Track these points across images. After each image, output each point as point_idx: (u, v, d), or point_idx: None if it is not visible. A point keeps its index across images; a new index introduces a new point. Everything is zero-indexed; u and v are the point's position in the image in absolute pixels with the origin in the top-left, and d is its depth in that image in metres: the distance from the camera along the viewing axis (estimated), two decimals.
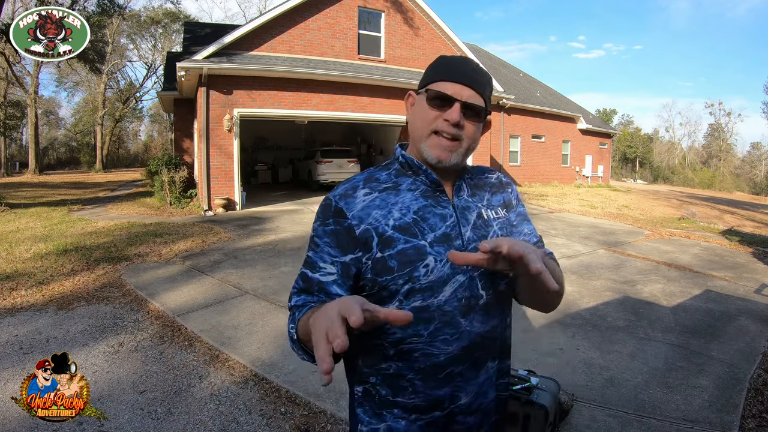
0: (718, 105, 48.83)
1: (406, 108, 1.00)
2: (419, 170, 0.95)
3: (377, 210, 0.90)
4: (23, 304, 4.09)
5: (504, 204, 1.04)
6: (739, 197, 28.60)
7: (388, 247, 0.87)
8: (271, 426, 2.44)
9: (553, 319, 4.03)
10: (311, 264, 0.91)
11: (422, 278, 0.87)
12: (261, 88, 9.87)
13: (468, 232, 0.94)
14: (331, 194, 0.93)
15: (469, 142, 0.93)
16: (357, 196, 0.91)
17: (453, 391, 0.92)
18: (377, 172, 0.97)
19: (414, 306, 0.87)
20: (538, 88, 21.99)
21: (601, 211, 11.76)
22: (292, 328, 0.86)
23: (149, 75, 35.34)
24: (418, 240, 0.88)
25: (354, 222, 0.89)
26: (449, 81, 0.91)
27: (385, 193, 0.92)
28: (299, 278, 0.93)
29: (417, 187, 0.95)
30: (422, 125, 0.93)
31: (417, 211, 0.91)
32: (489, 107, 0.96)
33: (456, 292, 0.89)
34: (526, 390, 2.16)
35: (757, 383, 3.00)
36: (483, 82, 0.93)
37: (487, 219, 0.98)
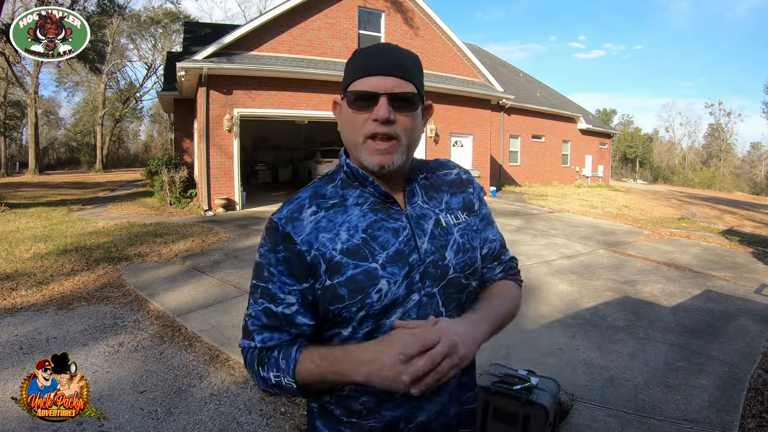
0: (718, 105, 48.90)
1: (336, 117, 0.89)
2: (366, 181, 0.86)
3: (324, 233, 0.82)
4: (23, 304, 4.09)
5: (465, 206, 0.96)
6: (739, 197, 28.60)
7: (337, 274, 0.80)
8: (271, 426, 2.44)
9: (553, 319, 4.04)
10: (271, 297, 0.82)
11: (375, 304, 0.80)
12: (261, 88, 9.88)
13: (425, 243, 0.86)
14: (275, 216, 0.85)
15: (408, 137, 0.83)
16: (303, 218, 0.83)
17: (408, 413, 0.85)
18: (323, 186, 0.88)
19: (366, 330, 0.82)
20: (538, 88, 22.00)
21: (601, 211, 11.76)
22: (278, 375, 0.79)
23: (149, 75, 35.41)
24: (369, 263, 0.81)
25: (303, 248, 0.81)
26: (368, 76, 0.81)
27: (332, 212, 0.84)
28: (260, 313, 0.83)
29: (365, 200, 0.86)
30: (353, 133, 0.83)
31: (366, 229, 0.83)
32: (422, 91, 0.85)
33: (409, 312, 0.82)
34: (526, 390, 2.16)
35: (757, 383, 3.00)
36: (407, 66, 0.83)
37: (446, 226, 0.90)
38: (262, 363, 0.82)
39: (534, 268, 5.68)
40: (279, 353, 0.81)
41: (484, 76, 13.31)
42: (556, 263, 5.92)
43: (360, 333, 0.82)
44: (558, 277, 5.29)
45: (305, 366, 0.78)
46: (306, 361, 0.78)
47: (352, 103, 0.82)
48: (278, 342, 0.83)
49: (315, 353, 0.79)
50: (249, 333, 0.85)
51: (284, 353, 0.80)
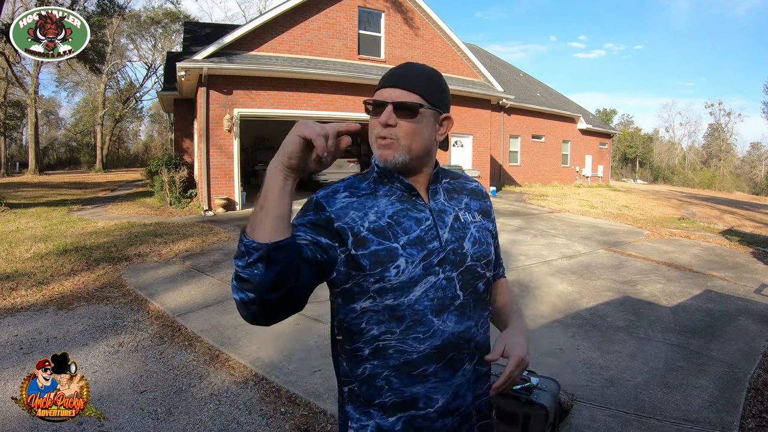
0: (718, 105, 48.89)
1: None
2: (393, 177, 0.99)
3: (354, 211, 0.94)
4: (23, 304, 4.09)
5: (481, 211, 1.09)
6: (739, 197, 28.60)
7: (362, 247, 0.91)
8: (271, 426, 2.44)
9: (553, 319, 4.04)
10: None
11: (392, 278, 0.91)
12: (261, 88, 9.88)
13: (446, 233, 0.98)
14: (314, 195, 0.99)
15: (408, 140, 0.95)
16: (337, 198, 0.97)
17: (427, 392, 0.94)
18: (358, 182, 1.02)
19: (386, 304, 0.91)
20: (538, 88, 22.00)
21: (601, 211, 11.76)
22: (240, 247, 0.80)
23: (149, 75, 35.40)
24: (391, 243, 0.92)
25: (332, 216, 0.93)
26: (382, 88, 0.98)
27: (363, 198, 0.97)
28: None
29: (393, 192, 0.99)
30: (370, 135, 0.99)
31: (392, 215, 0.96)
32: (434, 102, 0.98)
33: (427, 292, 0.93)
34: (526, 390, 2.16)
35: (757, 383, 3.00)
36: (413, 79, 0.97)
37: (465, 222, 1.02)
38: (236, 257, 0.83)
39: (534, 268, 5.68)
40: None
41: (484, 76, 13.31)
42: (556, 263, 5.92)
43: (380, 305, 0.92)
44: (558, 277, 5.29)
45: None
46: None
47: (369, 110, 0.99)
48: None
49: None
50: None
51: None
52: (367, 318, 0.93)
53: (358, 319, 0.94)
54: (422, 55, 12.05)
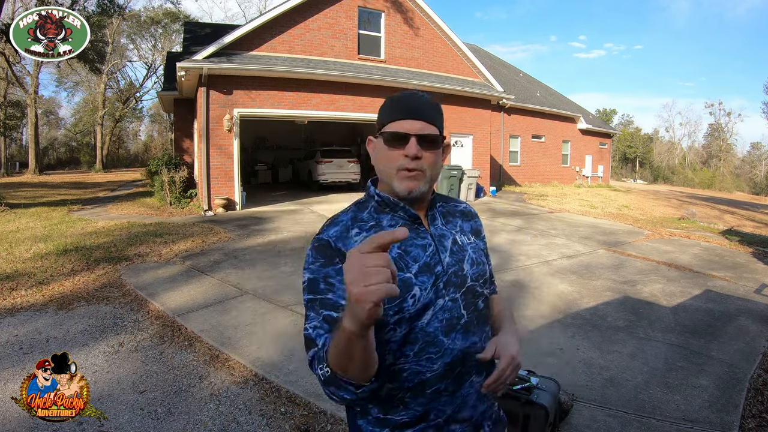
0: (718, 105, 48.90)
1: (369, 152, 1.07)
2: (397, 207, 1.01)
3: None
4: (23, 304, 4.09)
5: (473, 231, 1.14)
6: (739, 197, 28.60)
7: None
8: (271, 426, 2.44)
9: (553, 319, 4.04)
10: (332, 305, 0.90)
11: (410, 308, 0.94)
12: (261, 88, 9.87)
13: (447, 257, 1.02)
14: (324, 235, 0.97)
15: (432, 170, 1.00)
16: (350, 236, 0.97)
17: (439, 406, 0.98)
18: (359, 212, 1.03)
19: (402, 333, 0.94)
20: (538, 88, 22.00)
21: (601, 211, 11.76)
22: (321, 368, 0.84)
23: (149, 75, 35.40)
24: (405, 273, 0.95)
25: None
26: (400, 119, 0.99)
27: (371, 232, 0.98)
28: (323, 323, 0.89)
29: (396, 222, 1.01)
30: (388, 166, 1.00)
31: (400, 246, 0.98)
32: (443, 133, 1.04)
33: (437, 315, 0.96)
34: (526, 390, 2.16)
35: (757, 383, 3.00)
36: (432, 112, 1.01)
37: (462, 244, 1.07)
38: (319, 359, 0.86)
39: (534, 268, 5.68)
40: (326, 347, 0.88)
41: (484, 76, 13.30)
42: (556, 263, 5.92)
43: (397, 335, 0.94)
44: (558, 277, 5.29)
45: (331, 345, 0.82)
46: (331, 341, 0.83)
47: (389, 141, 0.99)
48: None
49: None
50: (313, 341, 0.90)
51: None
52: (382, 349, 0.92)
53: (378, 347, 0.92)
54: (422, 55, 12.05)
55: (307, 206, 10.57)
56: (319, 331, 0.90)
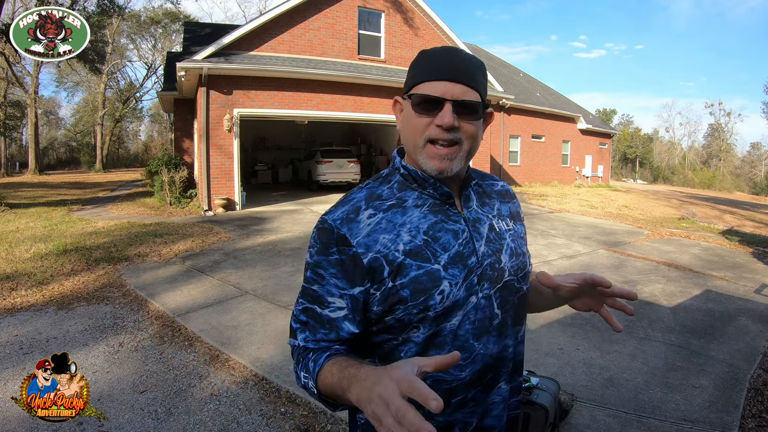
0: (718, 105, 48.87)
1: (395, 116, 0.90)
2: (426, 183, 0.85)
3: (384, 234, 0.80)
4: (23, 304, 4.09)
5: (512, 215, 0.98)
6: (739, 197, 28.61)
7: (400, 276, 0.79)
8: (271, 426, 2.44)
9: (553, 319, 4.03)
10: (318, 299, 0.81)
11: (438, 305, 0.79)
12: (261, 88, 9.87)
13: (482, 246, 0.86)
14: (328, 217, 0.83)
15: (470, 144, 0.83)
16: (360, 220, 0.81)
17: (465, 417, 0.86)
18: (378, 188, 0.87)
19: (429, 333, 0.81)
20: (538, 88, 22.00)
21: (601, 211, 11.76)
22: (306, 378, 0.79)
23: (149, 75, 35.39)
24: (431, 264, 0.80)
25: (360, 250, 0.79)
26: (435, 80, 0.81)
27: (390, 213, 0.82)
28: (302, 314, 0.83)
29: (424, 201, 0.85)
30: (414, 135, 0.83)
31: (427, 230, 0.82)
32: (486, 99, 0.86)
33: (468, 315, 0.82)
34: (526, 390, 2.16)
35: (757, 383, 3.00)
36: (474, 72, 0.83)
37: (500, 231, 0.91)
38: (299, 362, 0.82)
39: (534, 268, 5.67)
40: (313, 356, 0.80)
41: None
42: (557, 263, 5.92)
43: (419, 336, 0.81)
44: None
45: (326, 375, 0.75)
46: (327, 370, 0.75)
47: (417, 105, 0.82)
48: (316, 345, 0.82)
49: (337, 364, 0.74)
50: (293, 331, 0.85)
51: (316, 357, 0.79)
52: (406, 349, 0.82)
53: (395, 350, 0.83)
54: None
55: (307, 206, 10.57)
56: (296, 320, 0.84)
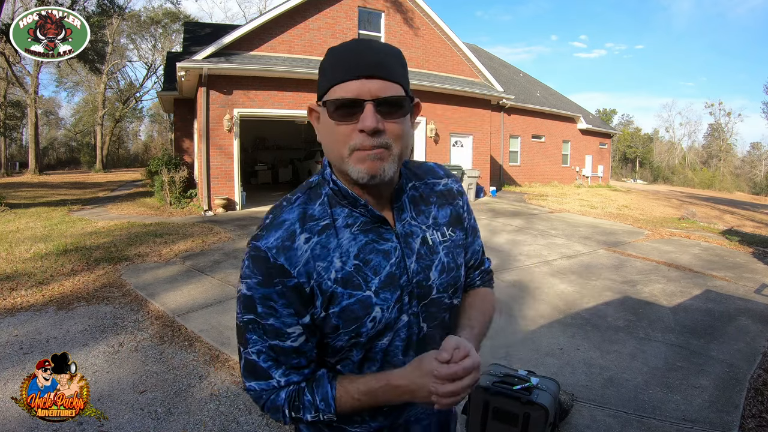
0: (718, 105, 48.88)
1: (314, 125, 0.81)
2: (357, 203, 0.79)
3: (319, 261, 0.76)
4: (23, 304, 4.09)
5: (452, 220, 0.90)
6: (739, 197, 28.61)
7: (332, 305, 0.76)
8: (271, 426, 2.44)
9: (553, 319, 4.04)
10: (276, 332, 0.77)
11: (370, 331, 0.79)
12: (261, 88, 9.87)
13: (413, 264, 0.82)
14: (262, 243, 0.76)
15: (400, 145, 0.75)
16: (297, 247, 0.75)
17: (397, 420, 0.89)
18: (310, 206, 0.80)
19: (360, 355, 0.82)
20: (538, 88, 22.00)
21: (601, 211, 11.76)
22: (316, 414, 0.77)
23: (149, 75, 35.39)
24: (363, 291, 0.77)
25: (302, 279, 0.75)
26: (348, 80, 0.71)
27: (324, 236, 0.77)
28: (269, 350, 0.78)
29: (355, 220, 0.79)
30: (338, 146, 0.74)
31: (358, 254, 0.78)
32: (408, 89, 0.77)
33: (399, 333, 0.82)
34: (526, 390, 2.16)
35: (757, 383, 3.00)
36: (390, 63, 0.73)
37: (432, 244, 0.85)
38: (296, 408, 0.78)
39: (534, 268, 5.68)
40: (313, 394, 0.78)
41: (484, 76, 13.30)
42: (557, 263, 5.92)
43: (354, 358, 0.82)
44: (558, 277, 5.29)
45: (346, 401, 0.77)
46: (346, 396, 0.77)
47: (333, 113, 0.73)
48: (299, 377, 0.80)
49: (353, 387, 0.78)
50: (262, 372, 0.78)
51: (320, 392, 0.78)
52: (344, 365, 0.83)
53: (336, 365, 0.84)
54: (422, 55, 12.05)
55: None
56: (266, 358, 0.78)
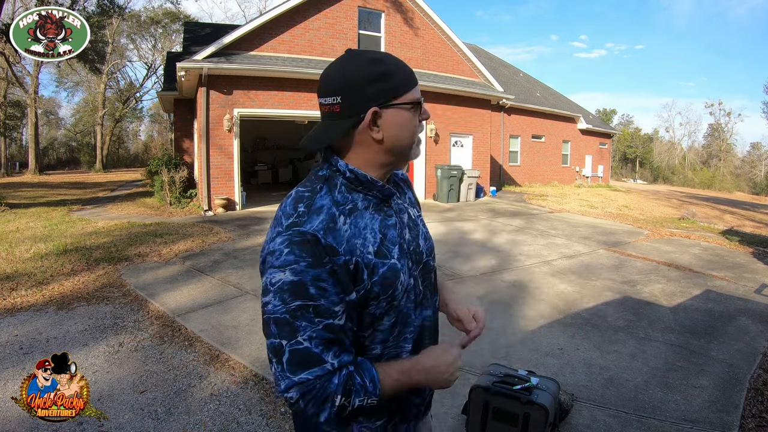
0: (718, 105, 48.88)
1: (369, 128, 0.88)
2: (373, 186, 0.91)
3: (356, 239, 0.86)
4: (23, 304, 4.09)
5: (414, 201, 1.09)
6: (739, 197, 28.61)
7: (373, 276, 0.86)
8: (271, 426, 2.44)
9: (553, 319, 4.04)
10: (329, 312, 0.81)
11: (400, 294, 0.90)
12: (261, 88, 9.87)
13: (407, 234, 0.96)
14: (309, 228, 0.82)
15: None
16: (340, 228, 0.84)
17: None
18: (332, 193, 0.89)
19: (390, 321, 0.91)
20: (538, 88, 22.00)
21: (601, 211, 11.76)
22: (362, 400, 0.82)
23: (149, 75, 35.38)
24: (390, 260, 0.89)
25: (347, 257, 0.83)
26: (413, 86, 0.92)
27: (353, 217, 0.87)
28: (323, 333, 0.81)
29: (369, 202, 0.91)
30: (411, 136, 0.92)
31: (379, 229, 0.90)
32: None
33: (410, 294, 0.93)
34: (526, 390, 2.16)
35: (757, 383, 3.00)
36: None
37: (414, 219, 1.02)
38: (348, 392, 0.81)
39: (534, 268, 5.68)
40: (362, 376, 0.83)
41: (484, 76, 13.30)
42: (557, 263, 5.92)
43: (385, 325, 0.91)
44: (558, 277, 5.29)
45: (388, 384, 0.85)
46: (387, 378, 0.85)
47: (415, 110, 0.91)
48: (350, 357, 0.84)
49: (390, 369, 0.87)
50: (315, 358, 0.80)
51: (367, 375, 0.84)
52: (373, 338, 0.91)
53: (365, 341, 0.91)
54: (422, 55, 12.05)
55: None
56: (319, 342, 0.80)
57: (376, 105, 0.87)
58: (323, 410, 0.80)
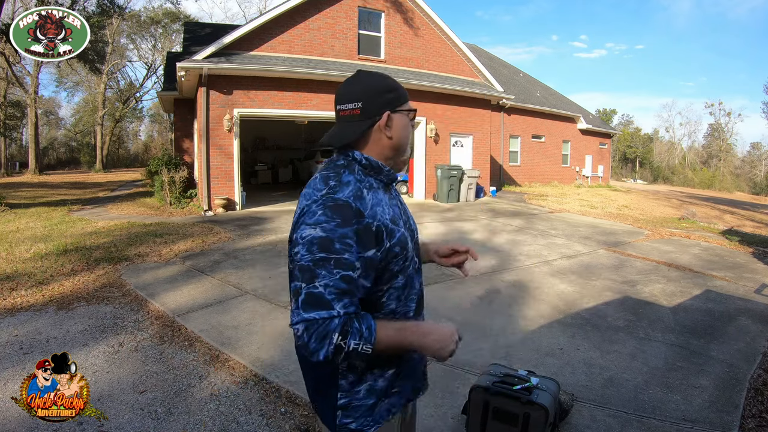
0: (718, 105, 48.88)
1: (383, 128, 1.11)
2: (382, 171, 1.13)
3: (377, 207, 1.05)
4: (23, 304, 4.09)
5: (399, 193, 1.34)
6: (739, 197, 28.61)
7: (392, 237, 1.05)
8: (271, 426, 2.44)
9: (553, 319, 4.03)
10: (348, 265, 0.96)
11: (411, 253, 1.12)
12: (261, 88, 9.87)
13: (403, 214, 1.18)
14: (341, 196, 1.00)
15: None
16: (365, 198, 1.04)
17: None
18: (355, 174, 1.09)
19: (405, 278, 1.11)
20: (538, 88, 22.00)
21: (601, 211, 11.76)
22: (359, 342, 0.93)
23: (149, 75, 35.38)
24: (400, 227, 1.10)
25: (369, 220, 1.01)
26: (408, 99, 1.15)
27: (372, 192, 1.07)
28: (339, 282, 0.95)
29: (378, 184, 1.12)
30: (408, 136, 1.16)
31: (391, 205, 1.11)
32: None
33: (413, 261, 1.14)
34: (526, 390, 2.16)
35: (757, 383, 3.00)
36: None
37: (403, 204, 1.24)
38: (344, 333, 0.92)
39: (534, 268, 5.68)
40: (360, 323, 0.94)
41: (484, 76, 13.30)
42: (557, 263, 5.92)
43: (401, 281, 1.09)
44: (558, 277, 5.29)
45: (383, 334, 0.96)
46: (383, 331, 0.96)
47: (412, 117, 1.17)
48: (356, 309, 0.96)
49: (388, 325, 0.99)
50: (326, 303, 0.94)
51: (365, 323, 0.95)
52: (389, 294, 1.08)
53: (382, 296, 1.07)
54: (422, 55, 12.05)
55: None
56: (333, 291, 0.94)
57: (389, 109, 1.11)
58: (322, 347, 0.91)
